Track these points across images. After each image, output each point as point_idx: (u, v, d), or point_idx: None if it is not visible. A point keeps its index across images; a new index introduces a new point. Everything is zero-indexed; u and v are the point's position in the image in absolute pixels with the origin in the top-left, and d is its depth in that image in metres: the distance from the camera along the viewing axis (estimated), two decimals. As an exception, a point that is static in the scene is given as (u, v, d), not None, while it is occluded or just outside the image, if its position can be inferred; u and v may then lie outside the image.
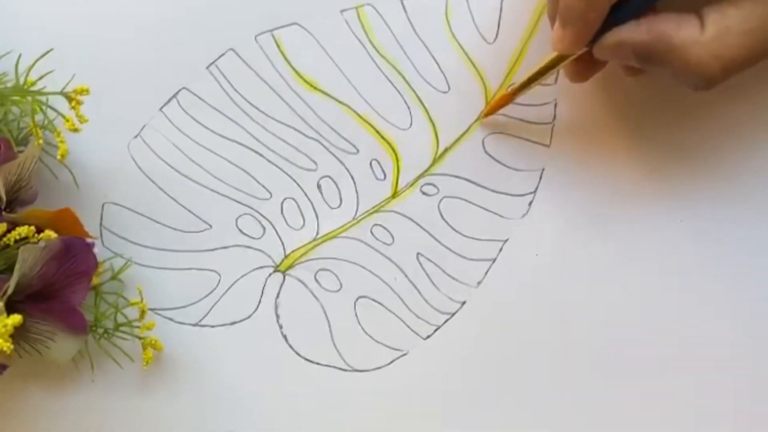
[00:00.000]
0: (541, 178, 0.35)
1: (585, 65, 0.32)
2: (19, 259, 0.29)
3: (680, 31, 0.28)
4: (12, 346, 0.27)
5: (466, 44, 0.35)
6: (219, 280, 0.35)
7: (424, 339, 0.35)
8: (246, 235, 0.35)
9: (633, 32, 0.29)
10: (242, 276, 0.35)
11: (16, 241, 0.30)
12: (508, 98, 0.34)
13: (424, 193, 0.35)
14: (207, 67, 0.35)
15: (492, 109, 0.34)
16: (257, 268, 0.35)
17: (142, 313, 0.33)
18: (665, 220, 0.35)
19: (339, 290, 0.35)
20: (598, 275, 0.35)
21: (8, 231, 0.30)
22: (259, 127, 0.35)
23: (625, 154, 0.33)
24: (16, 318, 0.27)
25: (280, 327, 0.35)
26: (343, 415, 0.35)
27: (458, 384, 0.35)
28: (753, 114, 0.35)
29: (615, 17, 0.29)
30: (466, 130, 0.35)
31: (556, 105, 0.35)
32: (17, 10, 0.35)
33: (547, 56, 0.32)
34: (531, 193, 0.35)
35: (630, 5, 0.29)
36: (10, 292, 0.29)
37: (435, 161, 0.35)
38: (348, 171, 0.35)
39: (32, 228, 0.30)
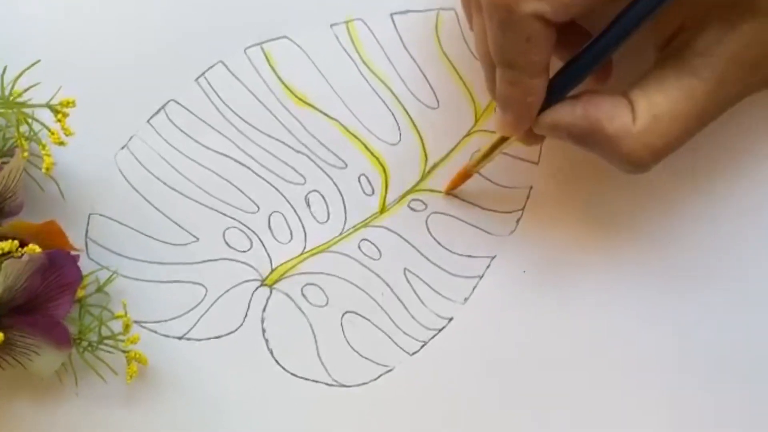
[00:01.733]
0: (529, 196, 0.35)
1: (533, 135, 0.32)
2: (2, 273, 0.29)
3: (614, 121, 0.28)
4: (-7, 362, 0.27)
5: (456, 60, 0.35)
6: (205, 293, 0.35)
7: (411, 355, 0.35)
8: (233, 248, 0.35)
9: (569, 115, 0.29)
10: (229, 289, 0.35)
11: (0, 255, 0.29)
12: (467, 174, 0.34)
13: (412, 209, 0.35)
14: (196, 79, 0.35)
15: (453, 186, 0.35)
16: (244, 282, 0.35)
17: (126, 327, 0.33)
18: (657, 238, 0.35)
19: (326, 305, 0.35)
20: (585, 293, 0.35)
21: (-8, 244, 0.30)
22: (248, 140, 0.35)
23: (614, 173, 0.33)
24: (-3, 335, 0.27)
25: (267, 341, 0.35)
26: (329, 429, 0.35)
27: (444, 400, 0.35)
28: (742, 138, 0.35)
29: (553, 92, 0.29)
30: (455, 147, 0.35)
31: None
32: (3, 22, 0.34)
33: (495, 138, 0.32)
34: (519, 210, 0.35)
35: (566, 82, 0.29)
36: (-7, 306, 0.29)
37: (423, 177, 0.35)
38: (336, 185, 0.35)
39: (15, 242, 0.29)
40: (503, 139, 0.32)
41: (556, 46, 0.28)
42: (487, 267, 0.35)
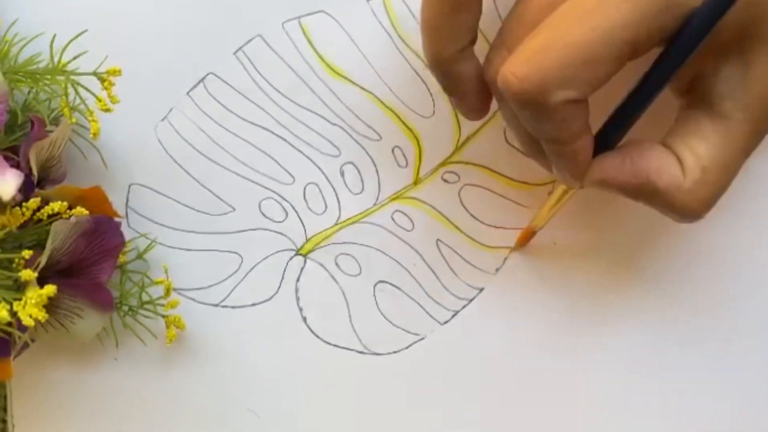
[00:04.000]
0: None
1: None
2: (51, 233, 0.30)
3: (663, 176, 0.28)
4: (46, 316, 0.28)
5: (491, 34, 0.36)
6: (241, 262, 0.36)
7: (442, 324, 0.36)
8: (268, 218, 0.36)
9: (617, 171, 0.29)
10: (264, 258, 0.36)
11: (48, 216, 0.30)
12: (532, 233, 0.35)
13: (445, 181, 0.36)
14: (234, 53, 0.36)
15: (522, 243, 0.35)
16: (279, 251, 0.36)
17: (167, 290, 0.34)
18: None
19: (359, 274, 0.36)
20: (618, 262, 0.36)
21: (41, 207, 0.30)
22: (284, 112, 0.36)
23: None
24: (50, 288, 0.28)
25: (300, 309, 0.36)
26: (361, 396, 0.36)
27: (475, 369, 0.36)
28: None
29: (598, 145, 0.29)
30: (488, 120, 0.36)
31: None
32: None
33: (558, 190, 0.32)
34: (551, 182, 0.36)
35: (607, 136, 0.29)
36: (42, 265, 0.30)
37: (456, 150, 0.36)
38: (370, 157, 0.36)
39: (65, 204, 0.30)
40: (565, 192, 0.32)
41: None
42: (519, 238, 0.36)
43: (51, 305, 0.31)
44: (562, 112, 0.27)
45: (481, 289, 0.36)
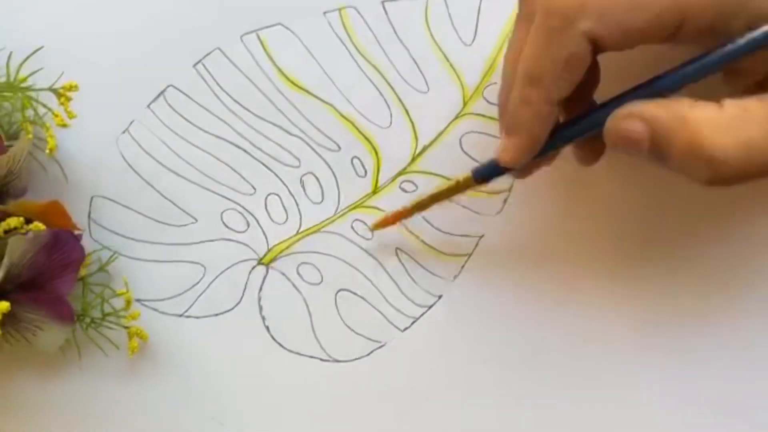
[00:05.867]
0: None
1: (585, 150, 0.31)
2: (9, 249, 0.30)
3: (696, 108, 0.25)
4: (0, 332, 0.28)
5: (445, 46, 0.36)
6: (204, 273, 0.36)
7: (402, 331, 0.36)
8: (230, 228, 0.37)
9: (644, 106, 0.26)
10: (226, 269, 0.36)
11: (5, 232, 0.31)
12: (403, 215, 0.35)
13: (403, 190, 0.37)
14: (194, 66, 0.36)
15: (385, 223, 0.35)
16: (241, 261, 0.36)
17: (128, 303, 0.34)
18: (644, 229, 0.36)
19: (320, 283, 0.36)
20: (573, 270, 0.36)
21: (-2, 222, 0.31)
22: (244, 124, 0.36)
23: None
24: (3, 305, 0.28)
25: (263, 318, 0.36)
26: (324, 403, 0.36)
27: (435, 374, 0.36)
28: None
29: (567, 132, 0.29)
30: (444, 129, 0.36)
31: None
32: (7, 9, 0.36)
33: (447, 183, 0.33)
34: (506, 191, 0.36)
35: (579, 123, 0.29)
36: (0, 279, 0.30)
37: (414, 159, 0.37)
38: (330, 167, 0.37)
39: (21, 219, 0.31)
40: (450, 190, 0.33)
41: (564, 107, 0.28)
42: (476, 246, 0.36)
43: (12, 318, 0.32)
44: (574, 45, 0.26)
45: (440, 296, 0.36)
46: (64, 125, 0.32)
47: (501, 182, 0.36)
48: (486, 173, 0.32)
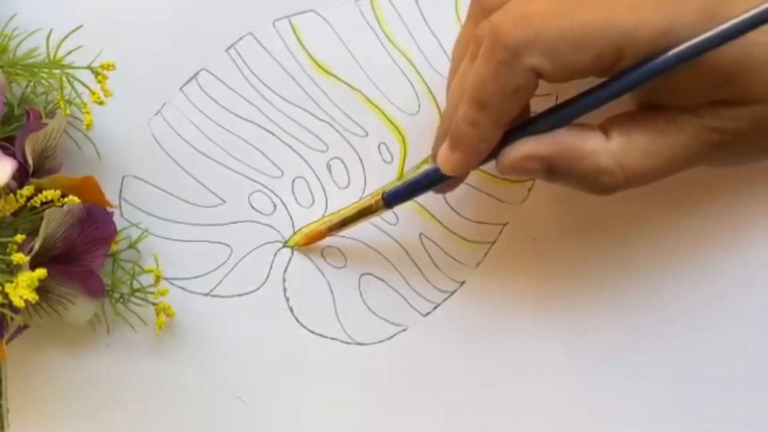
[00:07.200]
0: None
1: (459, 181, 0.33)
2: (44, 220, 0.31)
3: (588, 141, 0.28)
4: (36, 297, 0.29)
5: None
6: (230, 253, 0.37)
7: (424, 316, 0.37)
8: (258, 211, 0.37)
9: (538, 145, 0.29)
10: (252, 250, 0.37)
11: (42, 204, 0.31)
12: (323, 234, 0.36)
13: (428, 177, 0.37)
14: (226, 50, 0.37)
15: (309, 241, 0.36)
16: (267, 243, 0.37)
17: (157, 278, 0.35)
18: (661, 208, 0.36)
19: (344, 266, 0.37)
20: (596, 258, 0.36)
21: (34, 195, 0.32)
22: (274, 108, 0.37)
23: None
24: (41, 271, 0.29)
25: (287, 300, 0.37)
26: (345, 384, 0.37)
27: (455, 359, 0.37)
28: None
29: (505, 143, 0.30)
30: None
31: (557, 97, 0.36)
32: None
33: (359, 203, 0.35)
34: (531, 179, 0.37)
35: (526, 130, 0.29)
36: (35, 250, 0.31)
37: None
38: (357, 153, 0.37)
39: (57, 192, 0.31)
40: (368, 211, 0.34)
41: None
42: (499, 233, 0.37)
43: (44, 290, 0.33)
44: (523, 78, 0.27)
45: (463, 282, 0.37)
46: (101, 103, 0.32)
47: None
48: (397, 197, 0.33)
